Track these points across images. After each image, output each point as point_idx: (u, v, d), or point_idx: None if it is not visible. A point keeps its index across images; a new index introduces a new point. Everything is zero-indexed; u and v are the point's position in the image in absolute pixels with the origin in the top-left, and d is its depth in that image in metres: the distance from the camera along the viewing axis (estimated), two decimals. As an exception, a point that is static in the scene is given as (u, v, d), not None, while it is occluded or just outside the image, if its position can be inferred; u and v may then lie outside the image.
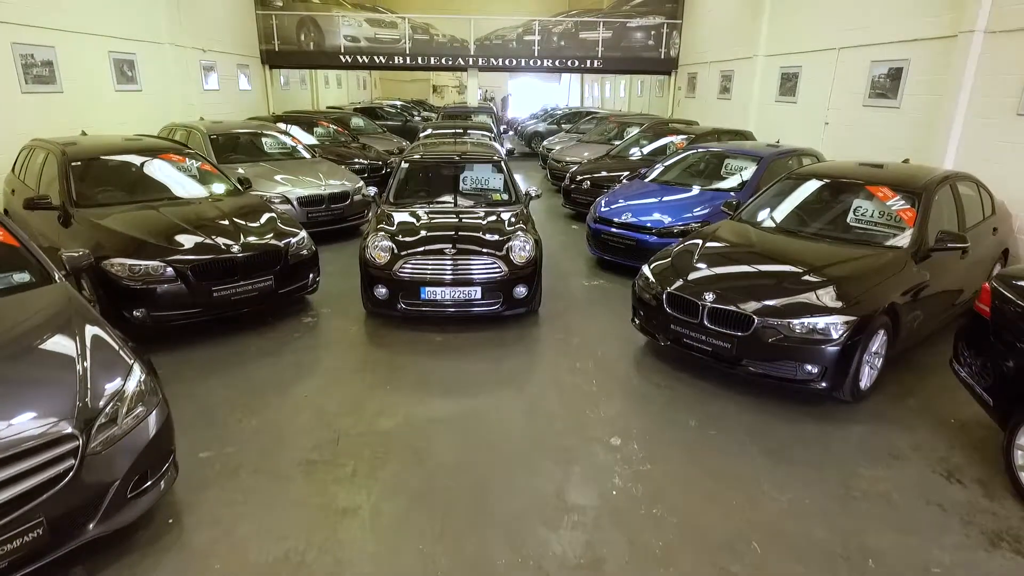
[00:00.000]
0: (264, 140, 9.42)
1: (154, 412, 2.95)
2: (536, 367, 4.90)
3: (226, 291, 5.07)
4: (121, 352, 3.06)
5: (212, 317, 5.11)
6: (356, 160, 11.24)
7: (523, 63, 17.55)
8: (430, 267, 5.31)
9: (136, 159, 6.26)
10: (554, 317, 5.91)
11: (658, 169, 8.29)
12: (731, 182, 7.60)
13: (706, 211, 6.89)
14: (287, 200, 7.94)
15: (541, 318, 5.88)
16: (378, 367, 4.83)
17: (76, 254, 3.86)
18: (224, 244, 5.14)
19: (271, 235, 5.52)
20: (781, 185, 5.79)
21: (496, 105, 41.43)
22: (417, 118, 23.16)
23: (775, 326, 4.08)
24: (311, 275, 5.80)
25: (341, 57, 17.10)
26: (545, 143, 15.50)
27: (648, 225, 6.91)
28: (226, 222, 5.49)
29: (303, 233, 5.81)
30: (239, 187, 6.55)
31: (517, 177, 7.82)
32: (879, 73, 8.96)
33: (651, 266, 5.08)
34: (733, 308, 4.23)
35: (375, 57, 17.17)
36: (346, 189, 8.49)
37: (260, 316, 5.54)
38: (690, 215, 6.88)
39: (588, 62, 17.56)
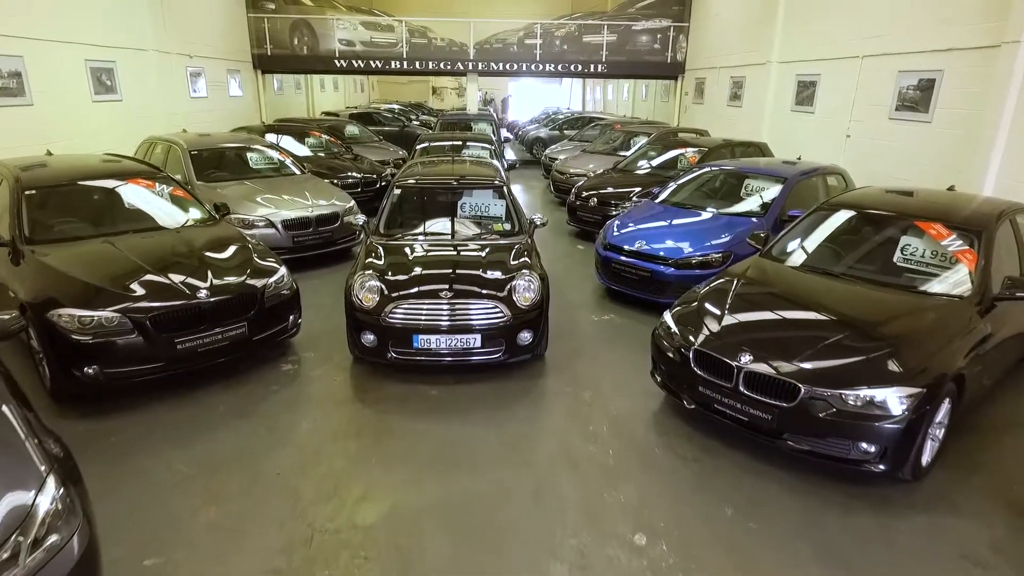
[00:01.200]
0: (250, 155, 8.81)
1: (73, 538, 2.32)
2: (544, 431, 4.30)
3: (192, 342, 4.47)
4: (32, 454, 2.42)
5: (175, 372, 4.51)
6: (349, 174, 10.64)
7: (524, 68, 16.96)
8: (424, 312, 4.72)
9: (100, 185, 5.66)
10: (561, 362, 5.31)
11: (671, 188, 7.69)
12: (752, 204, 7.00)
13: (727, 239, 6.30)
14: (271, 224, 7.34)
15: (547, 364, 5.29)
16: (364, 431, 4.24)
17: (4, 318, 3.27)
18: (190, 287, 4.54)
19: (246, 274, 4.92)
20: (816, 216, 5.19)
21: (496, 107, 40.92)
22: (415, 122, 22.60)
23: (825, 397, 3.49)
24: (291, 317, 5.21)
25: (336, 61, 16.50)
26: (548, 152, 14.90)
27: (663, 255, 6.31)
28: (195, 260, 4.89)
29: (283, 270, 5.21)
30: (214, 214, 5.95)
31: (517, 189, 7.26)
32: (908, 84, 8.36)
33: (674, 313, 4.49)
34: (774, 374, 3.64)
35: (371, 62, 16.57)
36: (335, 210, 7.88)
37: (232, 365, 4.94)
38: (709, 244, 6.27)
39: (591, 67, 16.96)
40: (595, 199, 9.27)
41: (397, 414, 4.46)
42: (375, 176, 10.96)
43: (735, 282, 4.58)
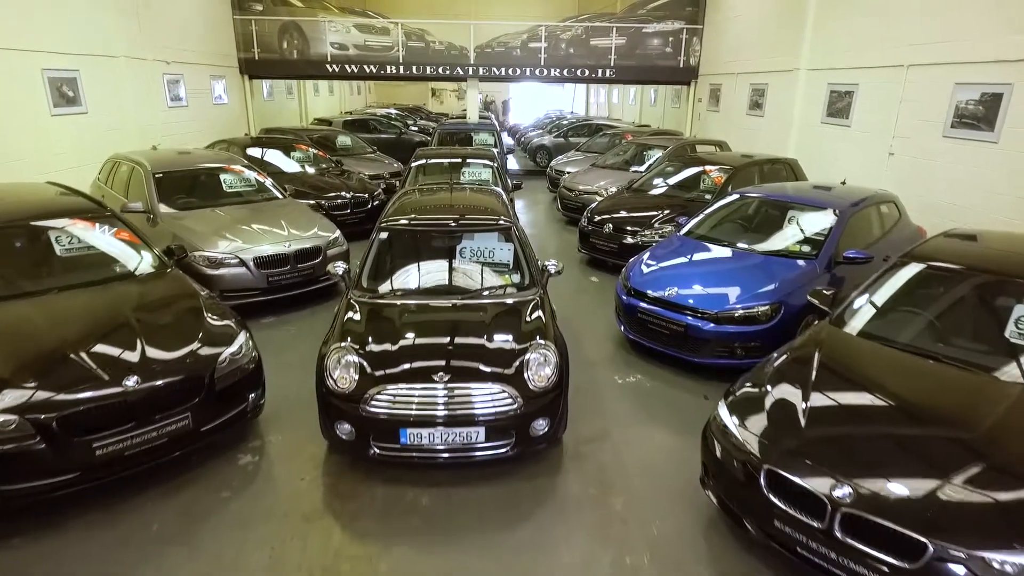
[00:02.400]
0: (223, 177, 7.83)
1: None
2: (563, 563, 3.33)
3: (116, 444, 3.50)
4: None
5: (94, 483, 3.54)
6: (338, 193, 9.67)
7: (528, 72, 15.99)
8: (414, 400, 3.74)
9: (19, 226, 4.68)
10: (583, 449, 4.34)
11: (699, 219, 6.71)
12: (798, 240, 6.03)
13: (773, 286, 5.31)
14: (242, 262, 6.36)
15: (566, 450, 4.32)
16: (335, 568, 3.27)
17: None
18: (115, 371, 3.57)
19: (193, 346, 3.94)
20: (899, 272, 4.22)
21: (496, 109, 39.96)
22: (413, 128, 21.63)
23: (963, 560, 2.52)
24: (252, 396, 4.23)
25: (328, 66, 15.53)
26: (554, 163, 13.92)
27: (699, 305, 5.32)
28: (127, 329, 3.92)
29: (242, 338, 4.22)
30: (166, 261, 4.98)
31: (520, 206, 6.27)
32: (967, 98, 7.39)
33: (731, 403, 3.51)
34: (888, 523, 2.67)
35: (365, 66, 15.60)
36: (317, 243, 6.91)
37: (174, 462, 3.96)
38: (754, 293, 5.29)
39: (599, 71, 15.98)
40: (610, 225, 8.28)
41: (376, 538, 3.48)
42: (366, 195, 9.99)
43: (811, 364, 3.60)
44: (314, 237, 6.96)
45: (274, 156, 10.69)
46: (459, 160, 9.26)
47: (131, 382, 3.54)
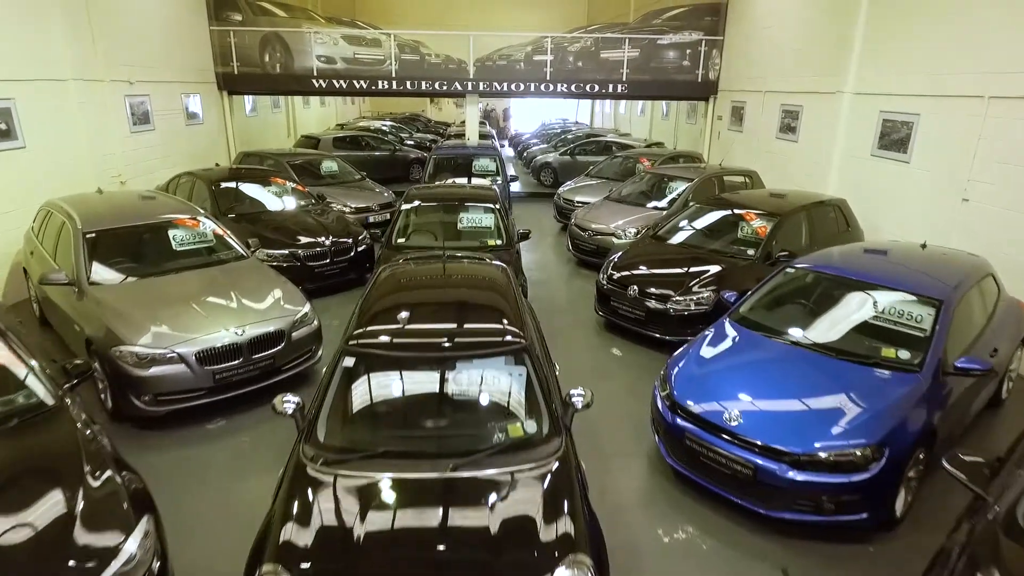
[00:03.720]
0: (174, 234, 6.51)
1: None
2: None
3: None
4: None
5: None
6: (315, 240, 8.34)
7: (532, 88, 14.65)
8: None
9: None
10: None
11: (751, 300, 5.39)
12: (884, 335, 4.71)
13: (870, 417, 3.98)
14: (180, 358, 5.04)
15: None
16: None
17: None
18: None
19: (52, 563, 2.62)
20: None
21: (498, 116, 38.61)
22: (409, 143, 20.33)
23: None
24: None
25: (314, 81, 14.19)
26: (562, 191, 12.57)
27: (770, 443, 3.99)
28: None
29: (134, 541, 2.89)
30: (46, 386, 3.65)
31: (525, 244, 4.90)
32: (1075, 143, 6.07)
33: None
34: None
35: (355, 81, 14.26)
36: (280, 325, 5.58)
37: None
38: (844, 428, 3.95)
39: (610, 86, 14.64)
40: (634, 287, 6.93)
41: None
42: (349, 240, 8.65)
43: None
44: (276, 316, 5.63)
45: (246, 190, 9.40)
46: (456, 202, 7.93)
47: None
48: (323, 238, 8.44)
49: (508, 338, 3.71)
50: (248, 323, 5.40)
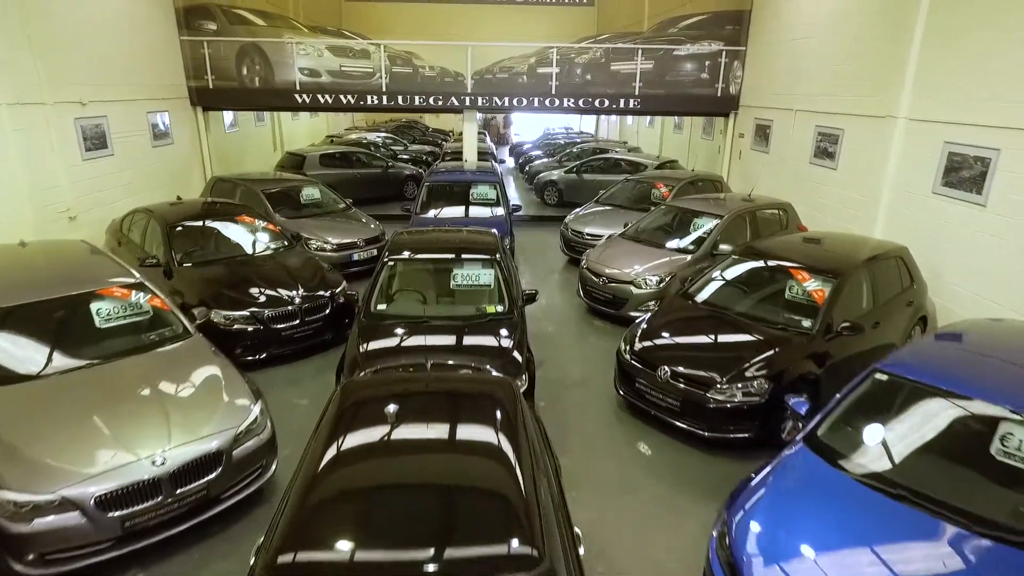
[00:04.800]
0: (98, 307, 5.23)
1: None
2: None
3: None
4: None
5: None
6: (282, 296, 7.06)
7: (536, 102, 13.39)
8: None
9: None
10: None
11: (833, 415, 4.11)
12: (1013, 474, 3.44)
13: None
14: (72, 504, 3.76)
15: None
16: None
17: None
18: None
19: None
20: None
21: (498, 123, 37.33)
22: (403, 157, 19.05)
23: None
24: None
25: (296, 96, 12.93)
26: (570, 221, 11.26)
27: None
28: None
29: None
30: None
31: (526, 278, 3.58)
32: None
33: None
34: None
35: (342, 96, 13.00)
36: (217, 444, 4.29)
37: None
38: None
39: (621, 101, 13.38)
40: (666, 369, 5.64)
41: None
42: (324, 295, 7.36)
43: None
44: (213, 430, 4.34)
45: (208, 231, 8.14)
46: (449, 254, 6.63)
47: None
48: (294, 292, 7.16)
49: (499, 444, 2.48)
50: (173, 445, 4.12)
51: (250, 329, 6.74)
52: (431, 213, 10.37)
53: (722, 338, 5.93)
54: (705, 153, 15.68)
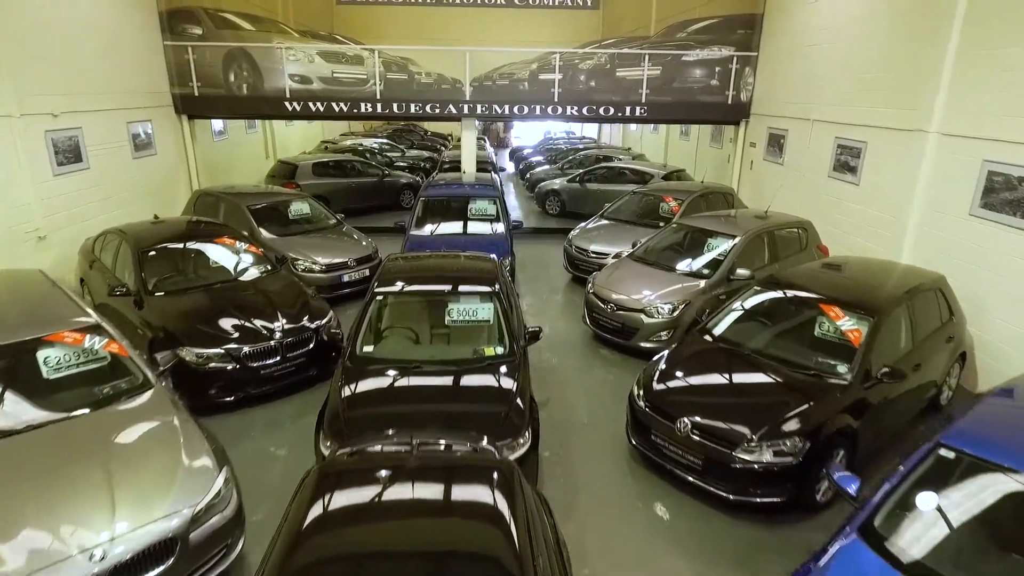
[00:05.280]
0: (44, 356, 4.62)
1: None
2: None
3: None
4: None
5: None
6: (260, 329, 6.45)
7: (537, 110, 12.80)
8: None
9: None
10: None
11: (892, 505, 3.50)
12: None
13: None
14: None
15: None
16: None
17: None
18: None
19: None
20: None
21: (498, 127, 36.71)
22: (401, 164, 18.48)
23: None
24: None
25: (286, 104, 12.33)
26: (575, 240, 10.61)
27: None
28: None
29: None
30: None
31: (526, 303, 3.45)
32: None
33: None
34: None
35: (333, 104, 12.40)
36: (173, 530, 3.66)
37: None
38: None
39: (627, 109, 12.78)
40: (685, 421, 5.03)
41: None
42: (309, 328, 6.75)
43: None
44: (165, 512, 3.71)
45: (184, 255, 7.55)
46: (444, 286, 6.03)
47: None
48: (275, 324, 6.55)
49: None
50: (117, 534, 3.51)
51: (226, 368, 6.13)
52: (427, 229, 9.77)
53: (747, 383, 5.33)
54: (713, 162, 15.07)
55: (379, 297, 5.84)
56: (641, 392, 5.55)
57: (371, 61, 12.36)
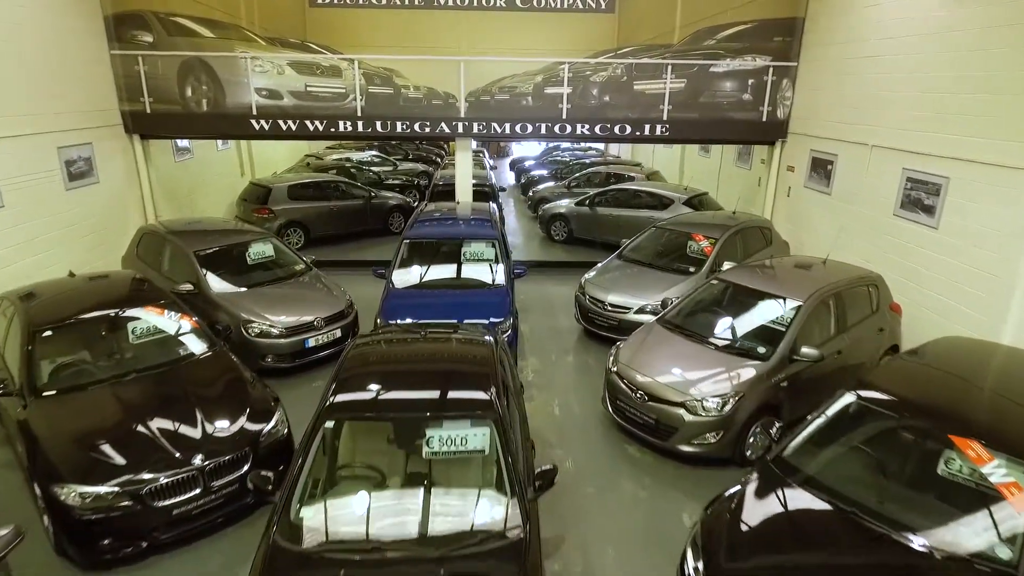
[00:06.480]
0: None
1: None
2: None
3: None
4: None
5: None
6: (174, 456, 4.77)
7: (543, 128, 11.13)
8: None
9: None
10: None
11: None
12: None
13: None
14: None
15: None
16: None
17: None
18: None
19: None
20: None
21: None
22: (391, 183, 16.84)
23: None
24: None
25: (252, 122, 10.66)
26: (588, 288, 8.91)
27: None
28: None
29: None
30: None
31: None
32: None
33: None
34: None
35: (307, 122, 10.74)
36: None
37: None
38: None
39: (646, 127, 11.12)
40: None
41: None
42: (245, 446, 5.04)
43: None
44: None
45: (94, 332, 5.89)
46: (424, 413, 4.32)
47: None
48: (198, 435, 4.88)
49: None
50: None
51: (120, 514, 4.45)
52: (412, 276, 8.13)
53: (859, 565, 3.65)
54: (740, 184, 13.39)
55: (329, 424, 4.16)
56: (698, 563, 3.87)
57: (350, 73, 10.67)
